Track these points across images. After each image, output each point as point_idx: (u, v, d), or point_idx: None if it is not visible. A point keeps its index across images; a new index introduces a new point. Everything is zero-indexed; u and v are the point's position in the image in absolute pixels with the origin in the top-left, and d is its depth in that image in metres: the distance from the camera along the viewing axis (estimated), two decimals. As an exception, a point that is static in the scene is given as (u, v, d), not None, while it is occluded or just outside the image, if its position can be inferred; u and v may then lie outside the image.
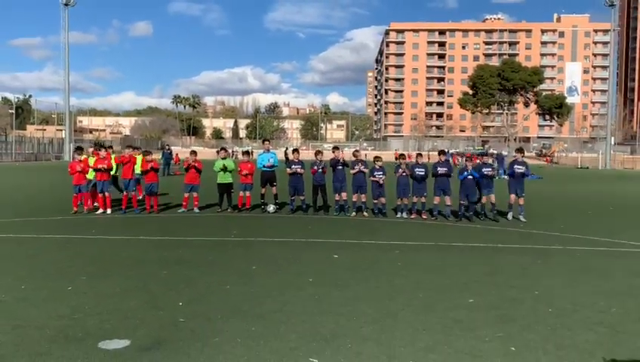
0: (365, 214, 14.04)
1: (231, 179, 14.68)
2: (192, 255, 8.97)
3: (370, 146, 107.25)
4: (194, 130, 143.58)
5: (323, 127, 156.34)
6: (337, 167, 14.25)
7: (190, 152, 15.44)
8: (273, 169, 14.91)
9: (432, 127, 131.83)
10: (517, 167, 13.58)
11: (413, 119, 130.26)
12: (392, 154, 62.28)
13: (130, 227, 12.08)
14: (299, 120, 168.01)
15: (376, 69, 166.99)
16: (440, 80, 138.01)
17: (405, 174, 13.83)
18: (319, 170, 14.24)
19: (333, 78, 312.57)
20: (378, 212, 14.05)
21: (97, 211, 14.10)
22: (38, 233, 11.00)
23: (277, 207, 14.69)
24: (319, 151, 15.35)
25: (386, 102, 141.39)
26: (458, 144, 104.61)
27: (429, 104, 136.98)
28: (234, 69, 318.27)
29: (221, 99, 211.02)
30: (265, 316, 5.72)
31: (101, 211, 14.02)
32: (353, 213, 14.14)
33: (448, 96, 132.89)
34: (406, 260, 8.71)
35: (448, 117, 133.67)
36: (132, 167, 14.38)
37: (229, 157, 15.58)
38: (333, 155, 14.50)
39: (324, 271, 7.83)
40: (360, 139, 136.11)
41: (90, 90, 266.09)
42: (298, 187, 14.42)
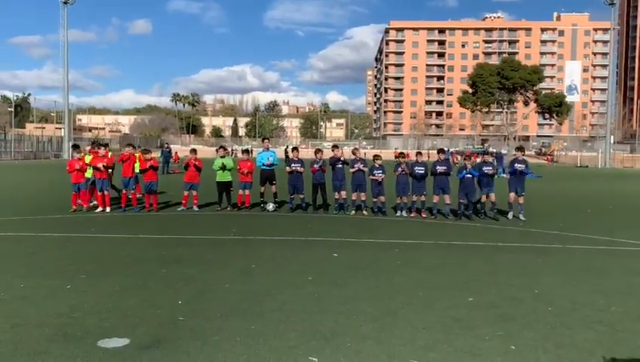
0: (365, 213, 14.03)
1: (230, 178, 14.66)
2: (192, 253, 8.96)
3: (370, 145, 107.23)
4: (193, 129, 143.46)
5: (322, 126, 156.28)
6: (337, 166, 14.25)
7: (190, 151, 15.44)
8: (273, 167, 14.91)
9: (431, 125, 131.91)
10: (517, 165, 13.60)
11: (413, 118, 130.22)
12: (392, 152, 62.19)
13: (129, 225, 12.07)
14: (298, 118, 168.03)
15: (376, 67, 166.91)
16: (440, 78, 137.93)
17: (405, 173, 13.83)
18: (319, 168, 14.23)
19: (333, 76, 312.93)
20: (378, 210, 14.05)
21: (96, 209, 14.09)
22: (37, 231, 10.99)
23: (276, 205, 14.68)
24: (319, 149, 15.34)
25: (385, 101, 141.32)
26: (458, 143, 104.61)
27: (428, 103, 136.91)
28: (233, 67, 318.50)
29: (220, 97, 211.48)
30: (264, 314, 5.72)
31: (100, 209, 14.01)
32: (353, 212, 14.14)
33: (448, 95, 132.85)
34: (406, 259, 8.70)
35: (448, 115, 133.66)
36: (132, 166, 14.37)
37: (228, 156, 15.57)
38: (332, 154, 14.51)
39: (324, 270, 7.83)
40: (359, 138, 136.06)
41: (89, 89, 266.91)
42: (297, 185, 14.42)
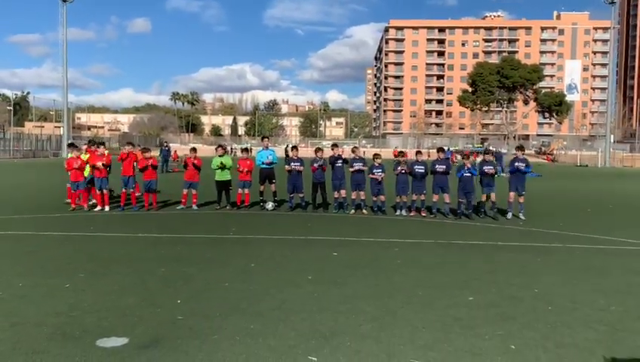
0: (364, 212, 14.02)
1: (229, 177, 14.64)
2: (191, 252, 8.95)
3: (370, 144, 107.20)
4: (193, 127, 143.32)
5: (322, 125, 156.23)
6: (336, 164, 14.24)
7: (190, 149, 15.43)
8: (272, 166, 14.89)
9: (431, 124, 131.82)
10: (518, 164, 13.57)
11: (413, 116, 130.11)
12: (391, 152, 62.07)
13: (128, 224, 12.05)
14: (298, 117, 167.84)
15: (376, 66, 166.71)
16: (439, 77, 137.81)
17: (404, 172, 13.82)
18: (318, 167, 14.21)
19: (332, 75, 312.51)
20: (377, 209, 14.04)
21: (95, 208, 14.08)
22: (36, 230, 10.97)
23: (276, 204, 14.67)
24: (319, 148, 15.32)
25: (385, 100, 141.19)
26: (457, 141, 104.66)
27: (428, 101, 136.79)
28: (233, 66, 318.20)
29: (220, 96, 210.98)
30: (263, 314, 5.70)
31: (99, 208, 13.99)
32: (352, 211, 14.13)
33: (448, 94, 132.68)
34: (405, 258, 8.69)
35: (447, 114, 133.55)
36: (132, 164, 14.34)
37: (227, 155, 15.54)
38: (332, 153, 14.50)
39: (323, 269, 7.82)
40: (359, 137, 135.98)
41: (88, 87, 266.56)
42: (297, 184, 14.39)
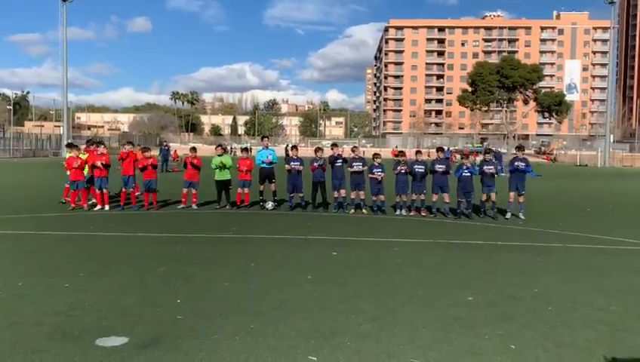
0: (364, 211, 14.02)
1: (229, 176, 14.63)
2: (191, 252, 8.95)
3: (369, 143, 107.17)
4: (192, 127, 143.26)
5: (322, 124, 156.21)
6: (336, 164, 14.23)
7: (190, 149, 15.42)
8: (272, 166, 14.88)
9: (431, 124, 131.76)
10: (518, 163, 13.55)
11: (412, 116, 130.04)
12: (390, 151, 61.97)
13: (128, 224, 12.04)
14: (297, 117, 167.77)
15: (376, 65, 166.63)
16: (439, 77, 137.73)
17: (404, 172, 13.82)
18: (318, 166, 14.20)
19: (332, 74, 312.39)
20: (377, 209, 14.03)
21: (95, 208, 14.07)
22: (36, 229, 10.96)
23: (275, 203, 14.66)
24: (319, 147, 15.31)
25: (385, 99, 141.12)
26: (457, 141, 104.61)
27: (428, 101, 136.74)
28: (233, 66, 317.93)
29: (220, 95, 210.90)
30: (263, 313, 5.70)
31: (99, 208, 13.99)
32: (352, 210, 14.12)
33: (447, 94, 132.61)
34: (405, 257, 8.69)
35: (447, 114, 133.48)
36: (132, 164, 14.34)
37: (227, 154, 15.51)
38: (332, 152, 14.49)
39: (323, 269, 7.81)
40: (359, 136, 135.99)
41: (88, 86, 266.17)
42: (297, 184, 14.38)
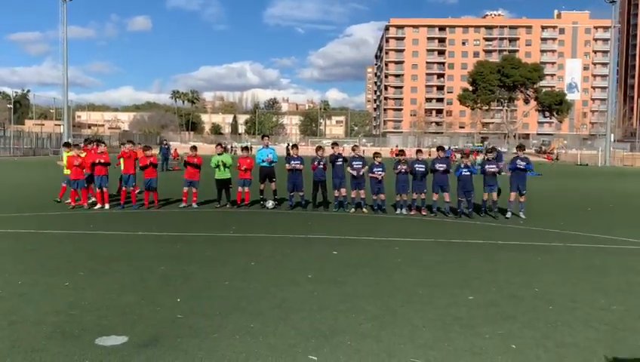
0: (365, 210, 14.00)
1: (229, 175, 14.62)
2: (191, 250, 8.93)
3: (370, 142, 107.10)
4: (193, 126, 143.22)
5: (322, 123, 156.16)
6: (337, 163, 14.22)
7: (190, 148, 15.40)
8: (272, 165, 14.86)
9: (431, 123, 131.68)
10: (519, 162, 13.50)
11: (413, 115, 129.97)
12: (389, 151, 61.88)
13: (128, 222, 12.03)
14: (298, 116, 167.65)
15: (376, 64, 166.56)
16: (440, 76, 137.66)
17: (405, 171, 13.80)
18: (319, 165, 14.18)
19: (333, 73, 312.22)
20: (377, 208, 14.02)
21: (95, 206, 14.06)
22: (36, 228, 10.95)
23: (276, 202, 14.65)
24: (320, 146, 15.29)
25: (385, 98, 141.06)
26: (458, 140, 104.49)
27: (428, 100, 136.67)
28: (233, 65, 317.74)
29: (220, 94, 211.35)
30: (263, 312, 5.69)
31: (99, 206, 13.98)
32: (352, 209, 14.11)
33: (448, 93, 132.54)
34: (405, 256, 8.68)
35: (448, 113, 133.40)
36: (133, 162, 14.33)
37: (226, 153, 15.47)
38: (332, 151, 14.48)
39: (324, 268, 7.80)
40: (359, 135, 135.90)
41: (88, 85, 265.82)
42: (297, 183, 14.37)
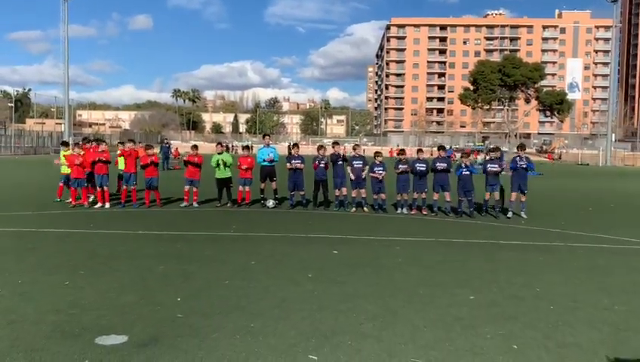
0: (365, 210, 13.98)
1: (230, 174, 14.60)
2: (191, 250, 8.92)
3: (371, 142, 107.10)
4: (194, 125, 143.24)
5: (323, 122, 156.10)
6: (337, 162, 14.19)
7: (191, 146, 15.37)
8: (273, 164, 14.83)
9: (432, 122, 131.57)
10: (520, 162, 13.47)
11: (414, 115, 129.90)
12: (388, 151, 61.60)
13: (128, 221, 12.01)
14: (299, 115, 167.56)
15: (377, 64, 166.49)
16: (441, 75, 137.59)
17: (405, 170, 13.78)
18: (321, 165, 14.16)
19: (334, 73, 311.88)
20: (378, 207, 13.99)
21: (95, 205, 14.05)
22: (36, 227, 10.93)
23: (276, 202, 14.63)
24: (322, 146, 15.27)
25: (386, 98, 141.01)
26: (458, 140, 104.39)
27: (429, 99, 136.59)
28: (234, 63, 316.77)
29: (221, 93, 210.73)
30: (264, 312, 5.67)
31: (99, 205, 13.97)
32: (353, 209, 14.09)
33: (449, 92, 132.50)
34: (406, 256, 8.65)
35: (449, 112, 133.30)
36: (134, 161, 14.31)
37: (226, 152, 15.39)
38: (333, 150, 14.47)
39: (324, 267, 7.78)
40: (360, 135, 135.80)
41: (89, 84, 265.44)
42: (298, 182, 14.34)
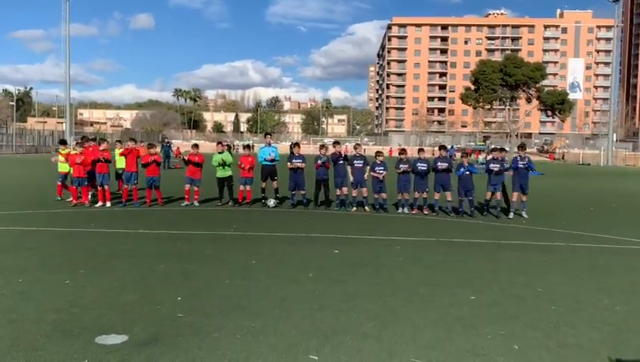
0: (366, 209, 13.97)
1: (230, 172, 14.60)
2: (191, 249, 8.91)
3: (372, 141, 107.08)
4: (195, 124, 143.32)
5: (324, 122, 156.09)
6: (338, 162, 14.18)
7: (192, 146, 15.37)
8: (274, 163, 14.83)
9: (433, 122, 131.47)
10: (520, 162, 13.45)
11: (415, 114, 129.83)
12: (388, 151, 61.62)
13: (129, 220, 12.01)
14: (300, 114, 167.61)
15: (378, 63, 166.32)
16: (442, 75, 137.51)
17: (406, 170, 13.76)
18: (322, 164, 14.14)
19: (335, 72, 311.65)
20: (379, 207, 13.98)
21: (96, 204, 14.05)
22: (37, 226, 10.93)
23: (277, 201, 14.62)
24: (323, 145, 15.26)
25: (387, 97, 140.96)
26: (459, 139, 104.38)
27: (430, 99, 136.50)
28: (235, 63, 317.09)
29: (222, 92, 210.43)
30: (264, 312, 5.66)
31: (100, 204, 13.97)
32: (354, 208, 14.07)
33: (450, 92, 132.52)
34: (407, 256, 8.64)
35: (450, 112, 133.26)
36: (135, 160, 14.31)
37: (227, 151, 15.35)
38: (334, 150, 14.45)
39: (325, 267, 7.77)
40: (361, 134, 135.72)
41: (91, 83, 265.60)
42: (299, 181, 14.33)
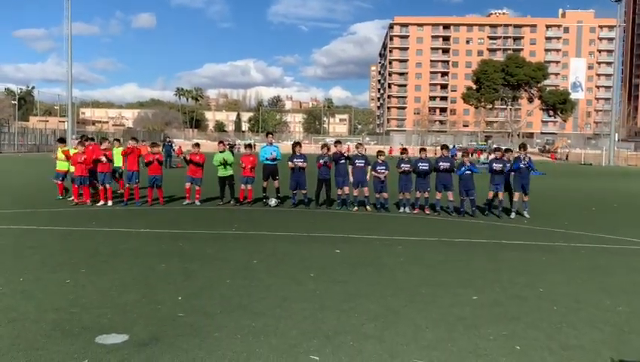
0: (368, 209, 13.95)
1: (232, 172, 14.59)
2: (192, 248, 8.89)
3: (373, 140, 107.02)
4: (196, 123, 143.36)
5: (326, 121, 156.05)
6: (340, 162, 14.16)
7: (193, 145, 15.37)
8: (276, 162, 14.81)
9: (435, 121, 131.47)
10: (521, 163, 13.42)
11: (417, 113, 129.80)
12: (388, 151, 61.45)
13: (130, 219, 12.00)
14: (301, 113, 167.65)
15: (380, 62, 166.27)
16: (444, 74, 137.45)
17: (408, 169, 13.73)
18: (324, 164, 14.12)
19: (336, 71, 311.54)
20: (380, 206, 13.96)
21: (98, 203, 14.04)
22: (38, 225, 10.93)
23: (279, 200, 14.60)
24: (325, 144, 15.24)
25: (389, 97, 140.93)
26: (461, 139, 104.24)
27: (432, 98, 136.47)
28: (237, 62, 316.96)
29: (224, 92, 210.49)
30: (265, 311, 5.64)
31: (102, 203, 13.97)
32: (355, 208, 14.05)
33: (452, 91, 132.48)
34: (408, 256, 8.62)
35: (452, 112, 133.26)
36: (137, 159, 14.30)
37: (228, 150, 15.33)
38: (335, 149, 14.44)
39: (326, 266, 7.75)
40: (363, 134, 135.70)
41: (92, 82, 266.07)
42: (300, 181, 14.31)
